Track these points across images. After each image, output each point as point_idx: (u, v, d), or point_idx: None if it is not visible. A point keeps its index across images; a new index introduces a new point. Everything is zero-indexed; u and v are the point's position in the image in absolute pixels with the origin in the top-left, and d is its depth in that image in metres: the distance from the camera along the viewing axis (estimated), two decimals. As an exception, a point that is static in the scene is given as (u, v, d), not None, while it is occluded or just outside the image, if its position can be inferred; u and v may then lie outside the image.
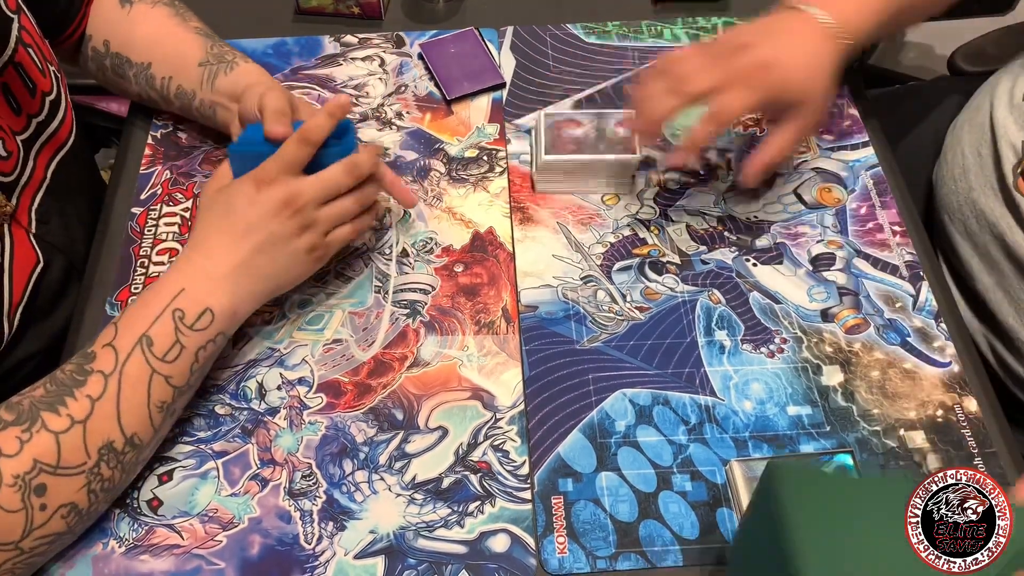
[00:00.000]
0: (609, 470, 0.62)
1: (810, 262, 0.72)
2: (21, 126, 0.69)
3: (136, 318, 0.58)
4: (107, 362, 0.57)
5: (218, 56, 0.75)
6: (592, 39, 0.89)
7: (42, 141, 0.72)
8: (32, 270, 0.69)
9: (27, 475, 0.52)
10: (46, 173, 0.72)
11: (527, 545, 0.59)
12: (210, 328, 0.60)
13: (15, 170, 0.68)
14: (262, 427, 0.64)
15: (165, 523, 0.60)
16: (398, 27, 0.91)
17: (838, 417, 0.64)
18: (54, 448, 0.53)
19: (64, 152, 0.75)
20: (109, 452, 0.56)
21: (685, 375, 0.66)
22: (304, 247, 0.63)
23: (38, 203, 0.71)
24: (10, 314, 0.66)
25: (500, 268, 0.72)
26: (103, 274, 0.73)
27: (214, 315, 0.60)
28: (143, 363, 0.57)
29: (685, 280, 0.71)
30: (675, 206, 0.76)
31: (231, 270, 0.61)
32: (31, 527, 0.53)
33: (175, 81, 0.76)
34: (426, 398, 0.65)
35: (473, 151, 0.80)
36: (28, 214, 0.70)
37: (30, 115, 0.70)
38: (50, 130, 0.73)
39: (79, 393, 0.55)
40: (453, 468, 0.62)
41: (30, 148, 0.70)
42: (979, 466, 0.61)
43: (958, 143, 0.77)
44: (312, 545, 0.59)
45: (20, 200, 0.69)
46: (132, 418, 0.57)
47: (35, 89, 0.70)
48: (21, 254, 0.68)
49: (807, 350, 0.67)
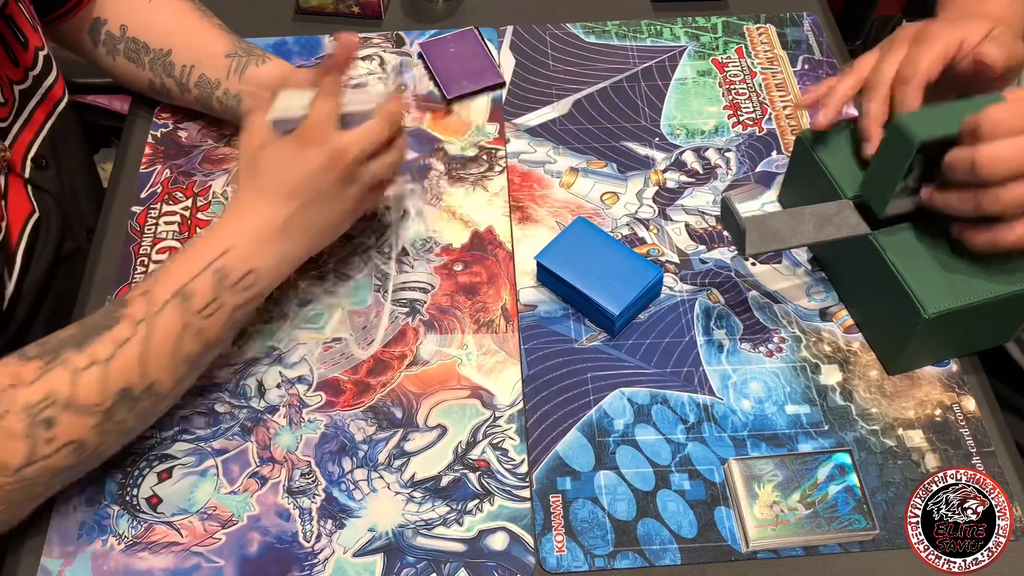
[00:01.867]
0: (607, 469, 0.62)
1: (809, 261, 0.72)
2: (19, 77, 0.70)
3: (177, 271, 0.59)
4: (139, 310, 0.57)
5: (247, 50, 0.76)
6: (592, 39, 0.89)
7: (40, 95, 0.72)
8: (27, 219, 0.69)
9: (37, 405, 0.53)
10: (44, 125, 0.72)
11: (526, 543, 0.59)
12: (252, 288, 0.60)
13: (9, 117, 0.68)
14: (261, 425, 0.64)
15: (164, 520, 0.60)
16: (398, 27, 0.91)
17: (836, 416, 0.64)
18: (68, 384, 0.54)
19: (60, 110, 0.76)
20: (126, 396, 0.56)
21: (684, 374, 0.66)
22: (351, 203, 0.63)
23: (34, 152, 0.71)
24: (11, 255, 0.67)
25: (499, 267, 0.72)
26: (103, 272, 0.73)
27: (258, 276, 0.60)
28: (177, 315, 0.57)
29: (684, 279, 0.71)
30: (674, 205, 0.76)
31: (279, 230, 0.61)
32: (34, 457, 0.53)
33: (197, 70, 0.76)
34: (425, 396, 0.65)
35: (473, 150, 0.80)
36: (23, 162, 0.70)
37: (26, 68, 0.71)
38: (46, 84, 0.73)
39: (107, 335, 0.56)
40: (452, 466, 0.62)
41: (27, 100, 0.71)
42: (977, 465, 0.61)
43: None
44: (311, 543, 0.59)
45: (14, 146, 0.69)
46: (156, 366, 0.57)
47: (28, 43, 0.71)
48: (15, 202, 0.68)
49: (806, 349, 0.67)
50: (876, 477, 0.61)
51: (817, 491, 0.60)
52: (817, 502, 0.59)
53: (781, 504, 0.59)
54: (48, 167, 0.72)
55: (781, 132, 0.81)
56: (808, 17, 0.90)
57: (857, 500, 0.59)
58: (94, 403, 0.55)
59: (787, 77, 0.85)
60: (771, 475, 0.61)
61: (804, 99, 0.68)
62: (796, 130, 0.81)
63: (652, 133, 0.81)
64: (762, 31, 0.89)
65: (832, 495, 0.60)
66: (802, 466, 0.61)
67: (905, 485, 0.60)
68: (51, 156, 0.73)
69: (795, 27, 0.90)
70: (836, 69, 0.85)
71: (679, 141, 0.80)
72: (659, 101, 0.83)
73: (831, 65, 0.86)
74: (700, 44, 0.88)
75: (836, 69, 0.85)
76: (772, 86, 0.84)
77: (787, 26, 0.90)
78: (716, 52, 0.87)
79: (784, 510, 0.59)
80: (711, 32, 0.89)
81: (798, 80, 0.85)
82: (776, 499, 0.60)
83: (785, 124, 0.81)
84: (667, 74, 0.86)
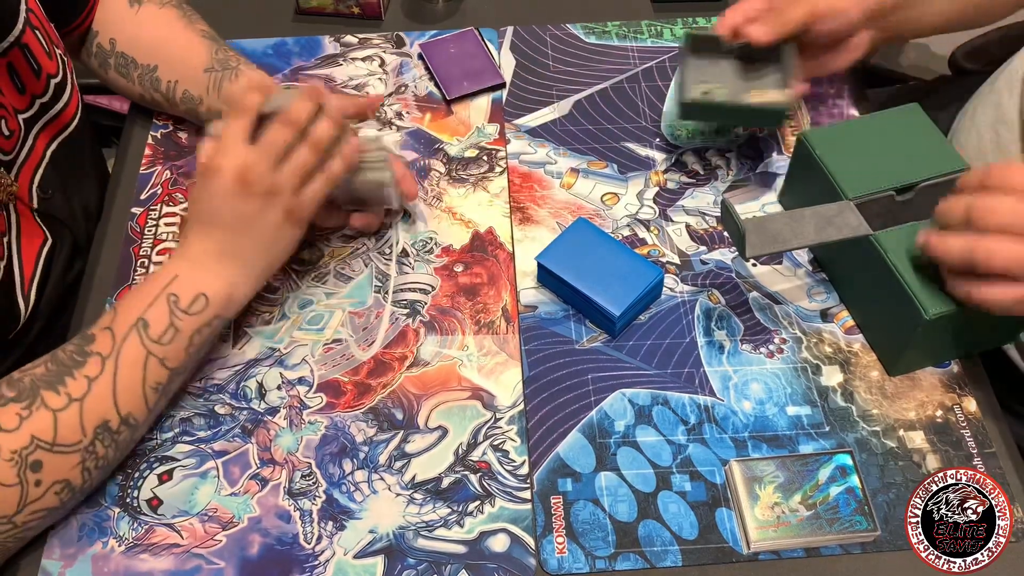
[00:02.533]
0: (608, 470, 0.62)
1: (810, 262, 0.72)
2: (24, 105, 0.70)
3: (133, 302, 0.60)
4: (105, 344, 0.58)
5: (223, 62, 0.75)
6: (592, 39, 0.89)
7: (44, 121, 0.72)
8: (40, 247, 0.70)
9: (24, 451, 0.54)
10: (45, 152, 0.72)
11: (526, 545, 0.59)
12: (205, 312, 0.61)
13: (15, 149, 0.68)
14: (262, 427, 0.64)
15: (165, 522, 0.60)
16: (398, 27, 0.91)
17: (837, 417, 0.64)
18: (51, 426, 0.55)
19: (66, 135, 0.75)
20: (104, 431, 0.57)
21: (684, 375, 0.66)
22: (278, 217, 0.62)
23: (39, 180, 0.71)
24: (24, 291, 0.67)
25: (500, 268, 0.72)
26: (103, 274, 0.73)
27: (208, 299, 0.61)
28: (139, 345, 0.58)
29: (684, 280, 0.71)
30: (675, 206, 0.76)
31: (216, 257, 0.62)
32: (25, 502, 0.54)
33: (181, 86, 0.76)
34: (426, 398, 0.65)
35: (473, 151, 0.80)
36: (29, 192, 0.70)
37: (34, 95, 0.71)
38: (54, 111, 0.73)
39: (78, 373, 0.57)
40: (453, 468, 0.62)
41: (31, 127, 0.71)
42: (978, 466, 0.61)
43: (972, 126, 0.76)
44: (312, 544, 0.59)
45: (19, 178, 0.69)
46: (127, 398, 0.58)
47: (40, 71, 0.70)
48: (28, 232, 0.68)
49: (806, 350, 0.67)
50: (877, 478, 0.61)
51: (818, 492, 0.60)
52: (818, 503, 0.59)
53: (782, 505, 0.59)
54: (53, 194, 0.72)
55: (782, 133, 0.81)
56: (808, 17, 0.90)
57: (858, 501, 0.59)
58: (76, 441, 0.56)
59: (787, 77, 0.85)
60: (772, 476, 0.61)
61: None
62: (797, 130, 0.81)
63: (652, 134, 0.81)
64: (762, 31, 0.89)
65: (833, 496, 0.60)
66: (803, 467, 0.61)
67: (906, 486, 0.60)
68: (55, 182, 0.72)
69: (795, 27, 0.89)
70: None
71: (679, 142, 0.80)
72: (659, 102, 0.83)
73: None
74: (700, 44, 0.88)
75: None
76: (772, 86, 0.84)
77: (787, 26, 0.89)
78: (716, 52, 0.87)
79: (785, 511, 0.59)
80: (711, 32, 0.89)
81: (798, 80, 0.84)
82: (777, 500, 0.60)
83: (785, 125, 0.81)
84: (667, 75, 0.86)
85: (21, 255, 0.67)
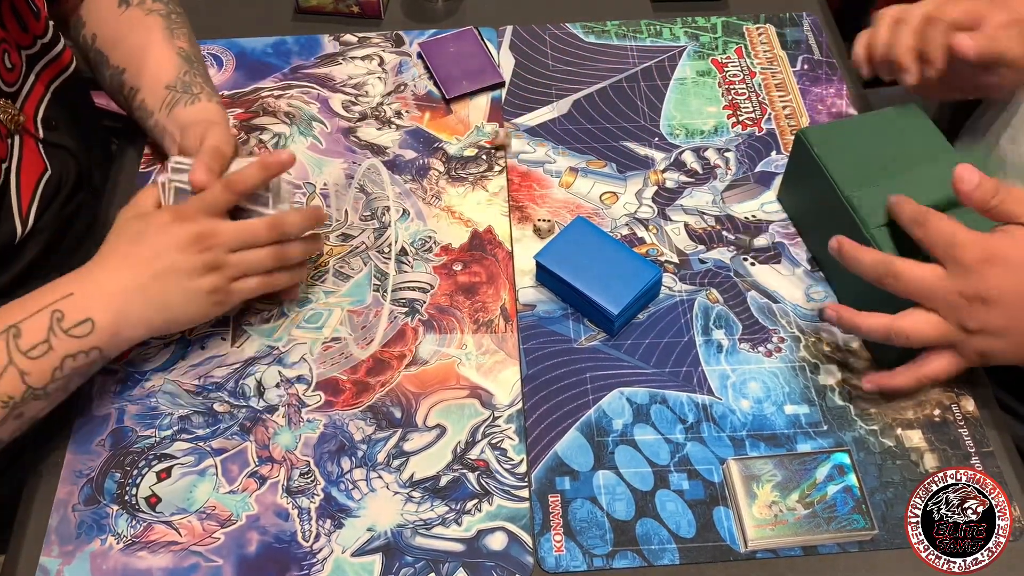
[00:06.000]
0: (606, 469, 0.62)
1: (808, 261, 0.72)
2: (27, 42, 0.70)
3: (14, 308, 0.58)
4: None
5: (186, 85, 0.73)
6: (591, 39, 0.89)
7: (46, 61, 0.73)
8: (40, 176, 0.70)
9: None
10: (47, 90, 0.73)
11: (524, 543, 0.59)
12: (86, 339, 0.58)
13: (17, 81, 0.69)
14: (260, 425, 0.64)
15: (163, 520, 0.60)
16: (397, 26, 0.91)
17: (835, 416, 0.64)
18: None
19: (66, 75, 0.76)
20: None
21: (683, 374, 0.66)
22: (205, 287, 0.62)
23: (43, 113, 0.72)
24: (22, 214, 0.68)
25: (499, 267, 0.72)
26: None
27: (94, 326, 0.58)
28: (2, 351, 0.56)
29: (683, 279, 0.71)
30: (673, 205, 0.76)
31: (124, 289, 0.60)
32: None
33: (140, 95, 0.75)
34: (424, 396, 0.65)
35: (472, 150, 0.80)
36: (35, 123, 0.70)
37: (36, 35, 0.72)
38: (54, 52, 0.74)
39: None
40: (451, 466, 0.62)
41: (33, 65, 0.72)
42: (976, 465, 0.61)
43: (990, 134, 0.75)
44: (310, 542, 0.59)
45: (24, 109, 0.70)
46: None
47: (39, 14, 0.72)
48: (29, 160, 0.69)
49: (805, 349, 0.67)
50: (875, 477, 0.61)
51: (816, 491, 0.60)
52: (816, 502, 0.59)
53: (780, 504, 0.59)
54: (59, 127, 0.73)
55: (780, 132, 0.81)
56: (808, 17, 0.90)
57: (856, 500, 0.59)
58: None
59: (787, 77, 0.85)
60: (770, 475, 0.61)
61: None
62: (795, 129, 0.81)
63: (651, 133, 0.81)
64: (762, 31, 0.89)
65: (831, 495, 0.60)
66: (801, 466, 0.61)
67: (904, 485, 0.60)
68: (60, 117, 0.74)
69: (795, 27, 0.90)
70: (835, 69, 0.85)
71: (678, 141, 0.80)
72: (659, 101, 0.83)
73: (830, 65, 0.86)
74: (700, 44, 0.88)
75: (835, 69, 0.85)
76: (772, 86, 0.84)
77: (787, 26, 0.90)
78: (716, 52, 0.87)
79: (783, 510, 0.59)
80: (711, 32, 0.89)
81: (797, 80, 0.85)
82: (775, 499, 0.60)
83: (784, 124, 0.81)
84: (667, 74, 0.86)
85: (20, 182, 0.68)
